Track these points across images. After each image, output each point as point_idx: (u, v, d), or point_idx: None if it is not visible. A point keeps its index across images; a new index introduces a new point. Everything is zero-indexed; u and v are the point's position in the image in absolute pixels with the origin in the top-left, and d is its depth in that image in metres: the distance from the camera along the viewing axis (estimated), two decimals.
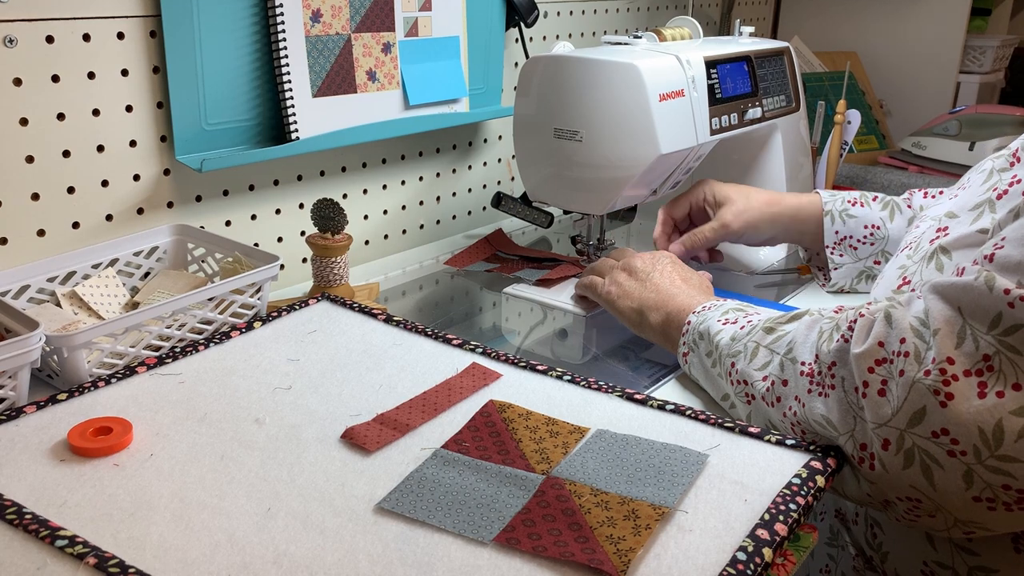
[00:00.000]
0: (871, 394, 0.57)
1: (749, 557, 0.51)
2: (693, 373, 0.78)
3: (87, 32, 0.85)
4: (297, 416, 0.67)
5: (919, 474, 0.55)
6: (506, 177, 1.41)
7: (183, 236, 0.93)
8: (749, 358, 0.69)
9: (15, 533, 0.52)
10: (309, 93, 1.01)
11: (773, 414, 0.67)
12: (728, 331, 0.73)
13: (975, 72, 1.90)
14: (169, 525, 0.54)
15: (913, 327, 0.56)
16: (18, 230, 0.85)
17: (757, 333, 0.70)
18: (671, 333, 0.81)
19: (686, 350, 0.78)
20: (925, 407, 0.54)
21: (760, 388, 0.67)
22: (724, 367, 0.72)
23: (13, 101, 0.82)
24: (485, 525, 0.54)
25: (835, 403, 0.60)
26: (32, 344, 0.67)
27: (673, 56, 0.99)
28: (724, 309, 0.76)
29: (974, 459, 0.53)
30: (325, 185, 1.12)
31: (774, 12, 2.09)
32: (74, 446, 0.61)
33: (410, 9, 1.11)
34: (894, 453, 0.56)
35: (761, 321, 0.71)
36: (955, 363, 0.53)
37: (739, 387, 0.70)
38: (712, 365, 0.74)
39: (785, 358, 0.66)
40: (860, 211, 1.01)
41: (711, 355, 0.74)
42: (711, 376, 0.75)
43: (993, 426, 0.51)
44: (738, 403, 0.71)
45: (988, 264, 0.55)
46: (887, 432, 0.56)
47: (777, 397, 0.66)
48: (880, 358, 0.57)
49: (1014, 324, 0.51)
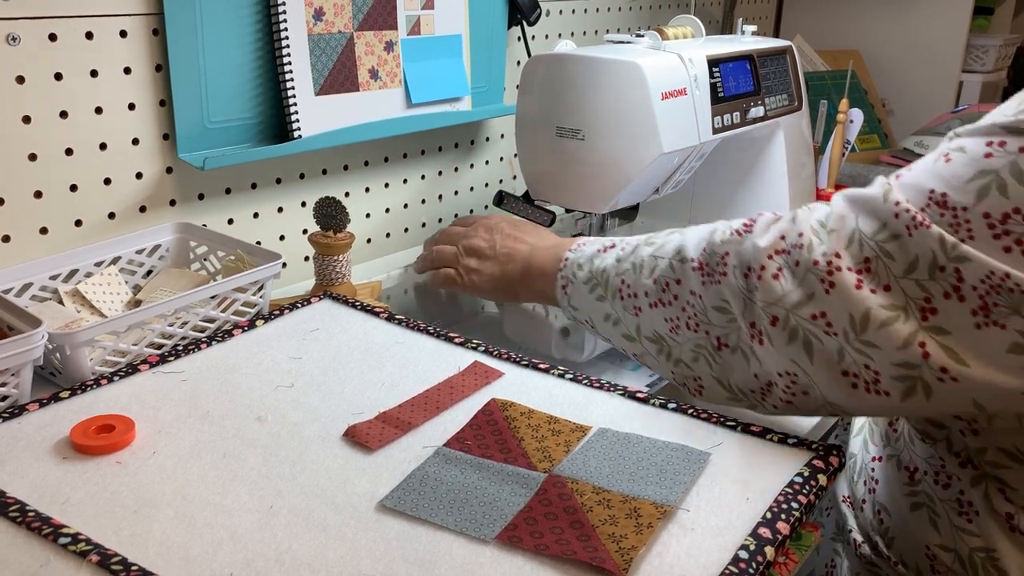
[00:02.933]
0: (766, 277, 0.62)
1: (751, 556, 0.51)
2: (572, 303, 0.79)
3: (90, 30, 0.85)
4: (299, 414, 0.67)
5: (800, 349, 0.61)
6: (508, 175, 1.41)
7: (185, 234, 0.93)
8: (638, 271, 0.72)
9: (18, 531, 0.52)
10: (311, 91, 1.01)
11: (665, 314, 0.70)
12: (610, 256, 0.76)
13: (978, 71, 1.90)
14: (171, 522, 0.54)
15: (812, 226, 0.62)
16: (21, 228, 0.85)
17: (641, 249, 0.73)
18: (542, 280, 0.83)
19: (564, 282, 0.80)
20: (813, 293, 0.60)
21: (652, 293, 0.71)
22: (613, 287, 0.74)
23: (16, 99, 0.82)
24: (487, 523, 0.54)
25: (727, 287, 0.65)
26: (35, 342, 0.67)
27: (675, 55, 0.99)
28: (597, 243, 0.80)
29: (844, 340, 0.59)
30: (327, 183, 1.12)
31: (776, 11, 2.09)
32: (77, 444, 0.61)
33: (412, 7, 1.11)
34: (780, 329, 0.62)
35: (642, 240, 0.75)
36: (841, 258, 0.59)
37: (628, 300, 0.73)
38: (593, 289, 0.76)
39: (674, 260, 0.70)
40: None
41: (592, 280, 0.76)
42: (589, 301, 0.77)
43: (862, 314, 0.58)
44: (624, 317, 0.73)
45: (895, 181, 0.60)
46: (775, 311, 0.62)
47: (674, 295, 0.69)
48: (780, 249, 0.62)
49: (894, 233, 0.57)
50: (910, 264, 0.56)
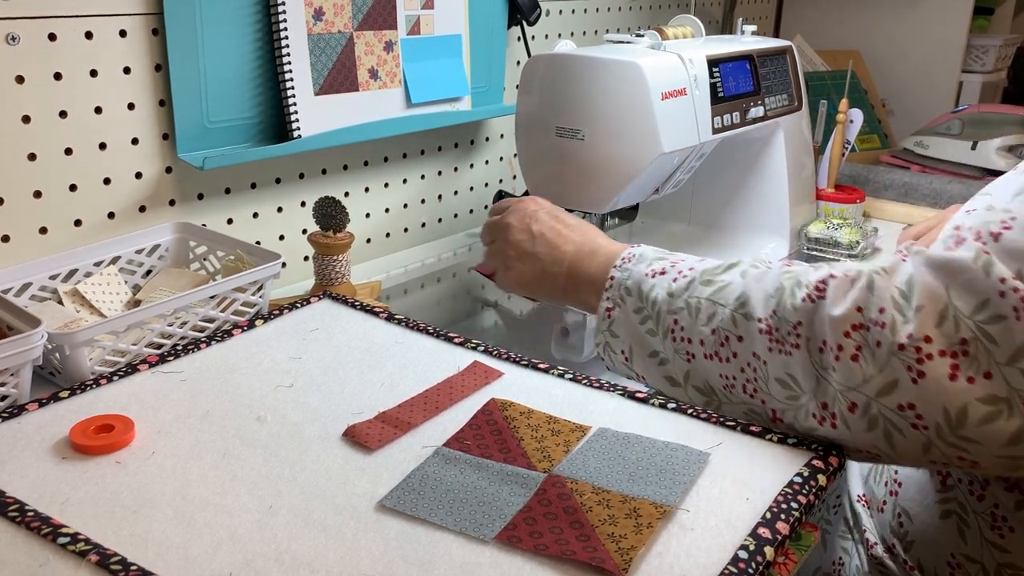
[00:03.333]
0: (844, 358, 0.56)
1: (751, 556, 0.51)
2: (614, 328, 0.72)
3: (89, 30, 0.85)
4: (299, 414, 0.67)
5: (881, 438, 0.56)
6: (508, 175, 1.41)
7: (185, 234, 0.93)
8: (694, 315, 0.65)
9: (17, 530, 0.52)
10: (311, 91, 1.01)
11: (722, 370, 0.64)
12: (662, 285, 0.68)
13: (978, 71, 1.90)
14: (171, 522, 0.54)
15: (894, 298, 0.55)
16: (20, 228, 0.85)
17: (696, 288, 0.66)
18: (588, 290, 0.75)
19: (610, 305, 0.72)
20: (897, 380, 0.54)
21: (709, 344, 0.64)
22: (664, 325, 0.67)
23: (15, 99, 0.82)
24: (486, 523, 0.54)
25: (798, 362, 0.59)
26: (34, 342, 0.67)
27: (675, 55, 0.99)
28: (648, 260, 0.72)
29: (935, 434, 0.53)
30: (327, 183, 1.12)
31: (776, 11, 2.09)
32: (76, 444, 0.61)
33: (412, 7, 1.11)
34: (859, 416, 0.56)
35: (697, 274, 0.67)
36: (932, 342, 0.52)
37: (681, 344, 0.66)
38: (643, 322, 0.69)
39: (736, 312, 0.63)
40: None
41: (642, 311, 0.69)
42: (639, 333, 0.70)
43: (958, 409, 0.52)
44: (675, 360, 0.67)
45: (992, 243, 0.52)
46: (855, 396, 0.56)
47: (733, 353, 0.63)
48: (857, 323, 0.56)
49: (998, 314, 0.50)
50: (1017, 350, 0.50)
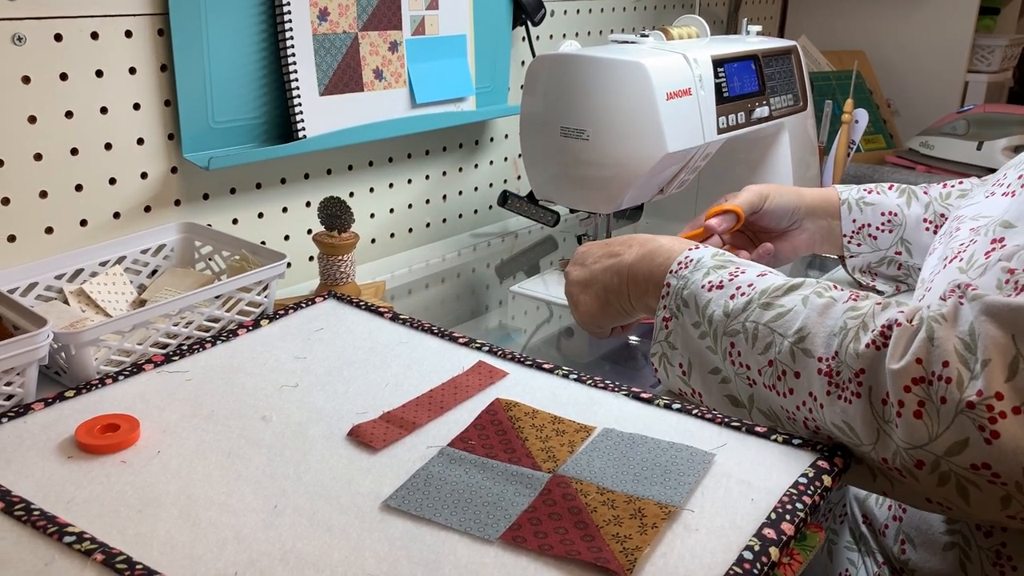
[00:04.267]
0: (906, 415, 0.53)
1: (755, 556, 0.51)
2: (672, 340, 0.70)
3: (95, 30, 0.86)
4: (304, 414, 0.67)
5: (954, 493, 0.53)
6: (512, 176, 1.41)
7: (190, 234, 0.93)
8: (751, 340, 0.63)
9: (23, 529, 0.53)
10: (316, 91, 1.01)
11: (781, 403, 0.62)
12: (718, 302, 0.66)
13: (983, 71, 1.90)
14: (176, 522, 0.54)
15: (958, 350, 0.52)
16: (26, 227, 0.85)
17: (754, 310, 0.63)
18: (649, 294, 0.73)
19: (667, 315, 0.70)
20: (968, 439, 0.50)
21: (767, 375, 0.62)
22: (722, 346, 0.65)
23: (22, 99, 0.82)
24: (491, 523, 0.54)
25: (858, 412, 0.55)
26: (40, 341, 0.67)
27: (680, 55, 0.99)
28: (704, 270, 0.68)
29: (1015, 489, 0.51)
30: (332, 183, 1.12)
31: (781, 11, 2.08)
32: (81, 443, 0.61)
33: (417, 8, 1.11)
34: (928, 473, 0.53)
35: (756, 295, 0.64)
36: (1004, 399, 0.49)
37: (740, 369, 0.64)
38: (702, 337, 0.67)
39: (796, 347, 0.59)
40: (876, 198, 1.00)
41: (700, 326, 0.67)
42: (698, 348, 0.68)
43: None
44: (736, 381, 0.66)
45: None
46: (922, 455, 0.53)
47: (790, 389, 0.60)
48: (918, 377, 0.52)
49: None
50: None
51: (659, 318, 0.70)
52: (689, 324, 0.67)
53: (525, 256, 1.24)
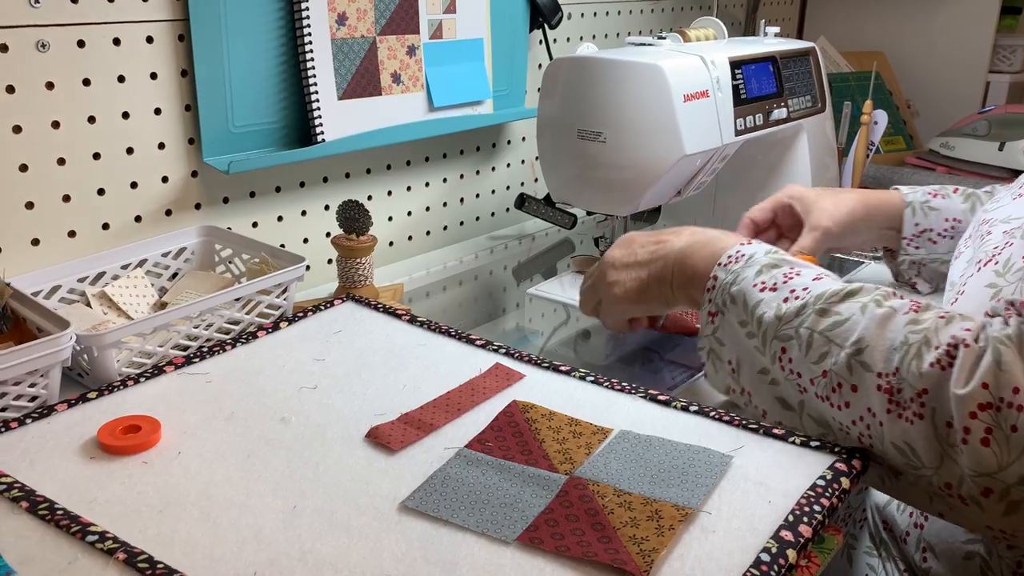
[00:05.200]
0: (972, 442, 0.51)
1: (773, 558, 0.51)
2: (719, 335, 0.67)
3: (117, 36, 0.87)
4: (322, 415, 0.68)
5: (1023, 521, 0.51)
6: (529, 179, 1.41)
7: (210, 237, 0.94)
8: (804, 348, 0.59)
9: (47, 528, 0.53)
10: (335, 95, 1.02)
11: (835, 415, 0.59)
12: (770, 304, 0.62)
13: (1005, 71, 1.88)
14: (196, 522, 0.54)
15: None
16: (49, 231, 0.86)
17: (809, 317, 0.59)
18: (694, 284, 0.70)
19: (714, 309, 0.66)
20: None
21: (820, 386, 0.58)
22: (772, 350, 0.62)
23: (45, 104, 0.83)
24: (508, 524, 0.54)
25: (920, 434, 0.52)
26: (63, 343, 0.68)
27: (697, 57, 0.99)
28: (756, 267, 0.65)
29: None
30: (350, 187, 1.13)
31: (800, 12, 2.07)
32: (104, 444, 0.62)
33: (435, 11, 1.12)
34: (996, 501, 0.51)
35: (811, 299, 0.60)
36: None
37: (791, 376, 0.61)
38: (749, 336, 0.64)
39: (853, 359, 0.56)
40: (941, 203, 0.97)
41: (747, 325, 0.63)
42: (746, 347, 0.65)
43: None
44: (786, 386, 0.62)
45: None
46: (990, 482, 0.51)
47: (846, 402, 0.57)
48: (985, 402, 0.50)
49: None
50: None
51: (704, 312, 0.67)
52: (735, 322, 0.64)
53: (542, 258, 1.24)
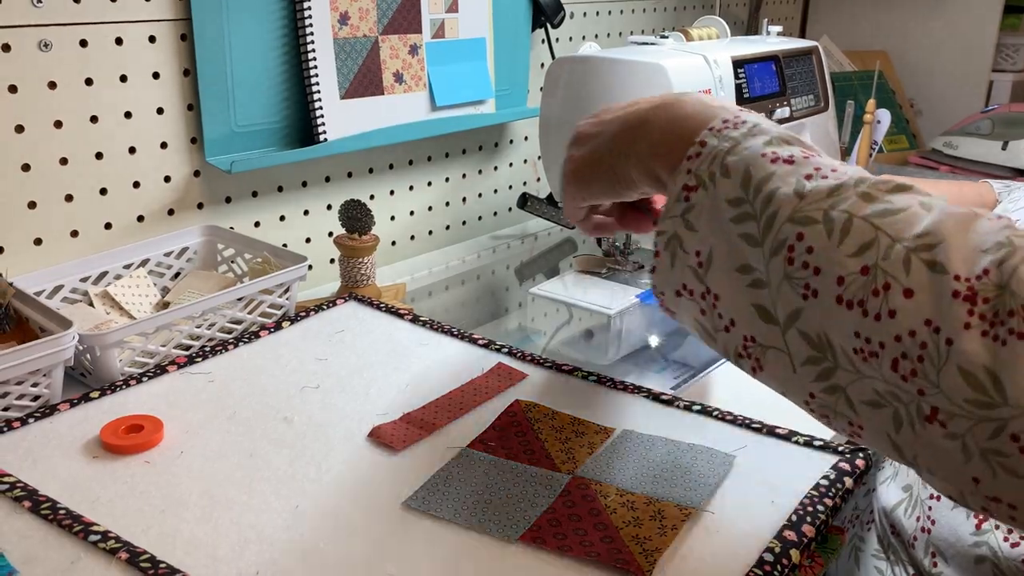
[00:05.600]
0: None
1: (776, 558, 0.51)
2: (690, 217, 0.49)
3: (119, 36, 0.87)
4: (325, 415, 0.68)
5: None
6: (532, 178, 1.41)
7: (213, 237, 0.94)
8: (838, 235, 0.43)
9: (50, 528, 0.53)
10: (337, 95, 1.02)
11: (861, 327, 0.42)
12: (787, 179, 0.46)
13: (1008, 70, 1.88)
14: (199, 522, 0.54)
15: None
16: (52, 231, 0.86)
17: (850, 200, 0.44)
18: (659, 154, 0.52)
19: (693, 183, 0.49)
20: None
21: (853, 284, 0.42)
22: (779, 237, 0.45)
23: (48, 104, 0.83)
24: (511, 524, 0.54)
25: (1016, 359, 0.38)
26: (66, 343, 0.68)
27: (700, 56, 0.99)
28: (766, 137, 0.49)
29: None
30: (352, 186, 1.13)
31: (802, 11, 2.07)
32: (106, 443, 0.62)
33: (437, 11, 1.12)
34: None
35: (850, 180, 0.45)
36: None
37: (799, 274, 0.44)
38: (740, 220, 0.47)
39: (916, 255, 0.41)
40: None
41: (743, 205, 0.47)
42: (728, 233, 0.47)
43: None
44: (782, 289, 0.45)
45: None
46: None
47: (890, 310, 0.41)
48: None
49: None
50: None
51: (677, 186, 0.50)
52: (723, 200, 0.47)
53: (544, 258, 1.24)
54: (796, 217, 0.45)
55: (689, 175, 0.49)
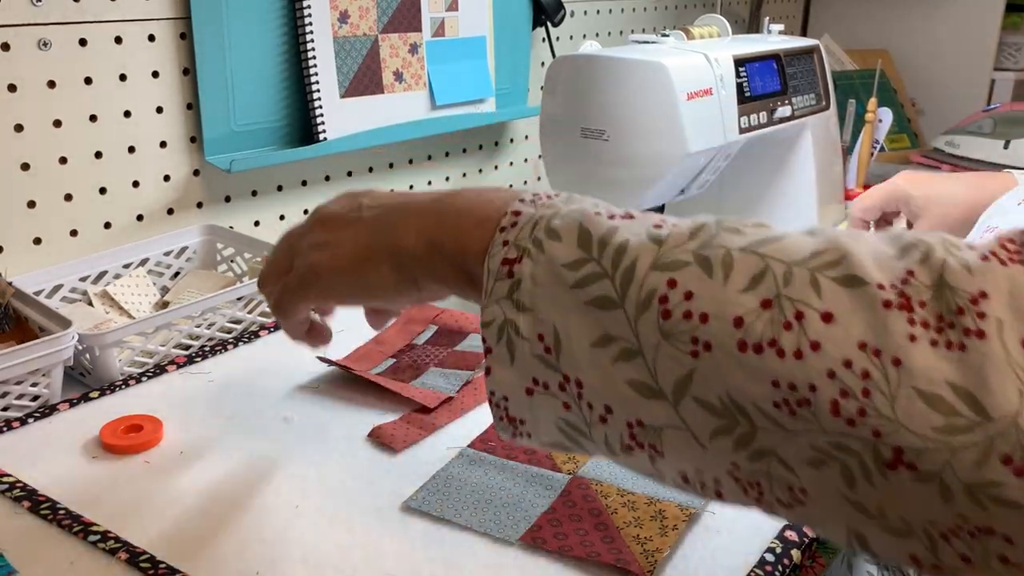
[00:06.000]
0: None
1: (777, 559, 0.50)
2: (519, 296, 0.40)
3: (119, 35, 0.86)
4: (325, 415, 0.67)
5: None
6: (532, 177, 1.41)
7: (212, 236, 0.94)
8: (721, 272, 0.36)
9: (49, 528, 0.53)
10: (337, 94, 1.01)
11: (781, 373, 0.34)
12: (633, 229, 0.39)
13: (1010, 69, 1.87)
14: (199, 522, 0.54)
15: None
16: (52, 230, 0.86)
17: (719, 235, 0.37)
18: (467, 251, 0.43)
19: (513, 255, 0.40)
20: None
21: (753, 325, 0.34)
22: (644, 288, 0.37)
23: (47, 103, 0.83)
24: (511, 524, 0.54)
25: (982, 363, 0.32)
26: (65, 343, 0.68)
27: (701, 54, 0.99)
28: (591, 201, 0.42)
29: None
30: (352, 185, 1.13)
31: (804, 10, 2.07)
32: (106, 443, 0.62)
33: (437, 10, 1.12)
34: None
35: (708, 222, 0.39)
36: None
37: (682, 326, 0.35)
38: (585, 282, 0.38)
39: (820, 274, 0.34)
40: None
41: (584, 266, 0.38)
42: (574, 301, 0.38)
43: None
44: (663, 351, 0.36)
45: None
46: None
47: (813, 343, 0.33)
48: None
49: None
50: None
51: (495, 263, 0.41)
52: (559, 265, 0.39)
53: None
54: (661, 263, 0.37)
55: (507, 247, 0.40)
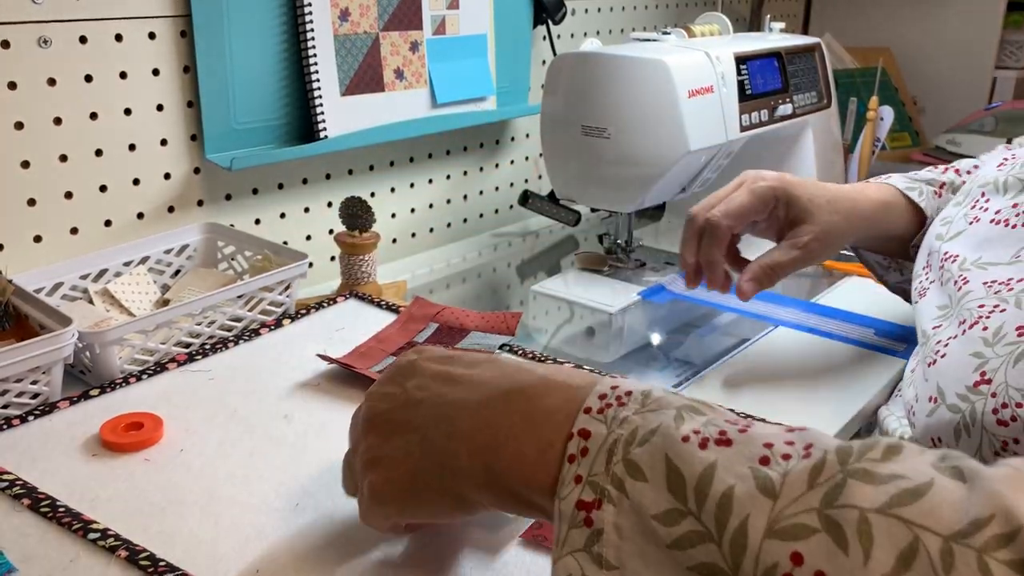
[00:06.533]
0: None
1: None
2: (601, 551, 0.34)
3: (119, 32, 0.86)
4: (325, 413, 0.67)
5: None
6: (533, 175, 1.41)
7: (213, 234, 0.94)
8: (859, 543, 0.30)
9: (49, 526, 0.53)
10: (337, 92, 1.01)
11: None
12: (732, 467, 0.33)
13: (1012, 67, 1.87)
14: (199, 520, 0.54)
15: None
16: (52, 228, 0.86)
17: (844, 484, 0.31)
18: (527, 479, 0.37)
19: (592, 496, 0.34)
20: None
21: None
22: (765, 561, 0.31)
23: (47, 101, 0.83)
24: (512, 522, 0.54)
25: None
26: (65, 340, 0.68)
27: (702, 52, 0.99)
28: (672, 409, 0.36)
29: None
30: (353, 183, 1.12)
31: (805, 8, 2.07)
32: (106, 441, 0.62)
33: (437, 7, 1.11)
34: None
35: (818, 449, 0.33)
36: None
37: None
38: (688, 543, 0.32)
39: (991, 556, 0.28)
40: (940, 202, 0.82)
41: (682, 519, 0.33)
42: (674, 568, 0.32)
43: None
44: None
45: None
46: None
47: None
48: None
49: None
50: None
51: (568, 505, 0.35)
52: (650, 516, 0.33)
53: (546, 256, 1.24)
54: (779, 529, 0.31)
55: (580, 484, 0.34)
